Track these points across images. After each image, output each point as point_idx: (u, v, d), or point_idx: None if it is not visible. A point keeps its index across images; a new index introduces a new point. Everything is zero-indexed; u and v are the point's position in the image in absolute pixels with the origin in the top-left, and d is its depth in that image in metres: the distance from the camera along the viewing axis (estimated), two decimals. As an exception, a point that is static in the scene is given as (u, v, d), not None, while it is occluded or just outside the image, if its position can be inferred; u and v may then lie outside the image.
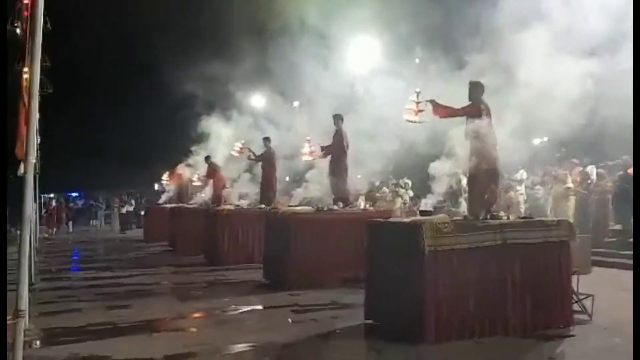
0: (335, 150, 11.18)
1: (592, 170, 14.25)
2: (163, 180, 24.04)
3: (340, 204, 10.83)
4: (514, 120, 6.88)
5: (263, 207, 13.23)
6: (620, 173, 13.18)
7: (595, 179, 14.01)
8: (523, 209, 14.10)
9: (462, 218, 7.03)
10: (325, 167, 11.46)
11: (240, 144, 15.34)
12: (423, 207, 7.32)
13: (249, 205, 14.26)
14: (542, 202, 15.20)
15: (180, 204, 18.76)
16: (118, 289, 10.29)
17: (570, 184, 14.05)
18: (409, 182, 18.11)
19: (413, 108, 7.79)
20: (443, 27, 11.63)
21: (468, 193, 7.58)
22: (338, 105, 12.05)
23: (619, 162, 13.55)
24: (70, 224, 30.14)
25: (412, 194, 17.83)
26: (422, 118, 7.73)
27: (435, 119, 7.39)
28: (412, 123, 7.96)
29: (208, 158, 17.05)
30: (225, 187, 16.02)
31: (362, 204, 13.74)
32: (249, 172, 15.44)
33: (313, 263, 9.81)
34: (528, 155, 9.83)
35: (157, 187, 32.72)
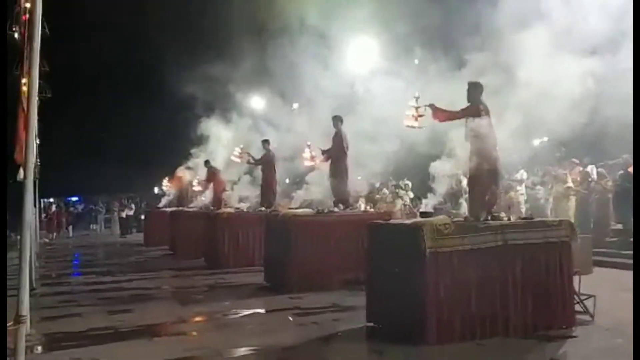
0: (335, 152, 11.16)
1: (592, 170, 14.22)
2: (163, 185, 24.01)
3: (341, 206, 10.81)
4: (515, 120, 6.88)
5: (263, 209, 13.24)
6: (621, 172, 13.14)
7: (596, 178, 13.99)
8: (524, 210, 14.06)
9: (462, 219, 7.02)
10: (326, 169, 11.44)
11: (240, 149, 15.33)
12: (423, 208, 7.31)
13: (249, 208, 14.26)
14: (542, 202, 15.16)
15: (181, 208, 18.75)
16: (119, 294, 10.30)
17: (571, 184, 14.03)
18: (409, 183, 18.07)
19: (413, 113, 7.78)
20: (443, 26, 11.61)
21: (468, 194, 7.55)
22: (338, 106, 12.03)
23: (620, 160, 13.51)
24: (70, 229, 30.04)
25: (412, 195, 17.79)
26: (422, 123, 7.71)
27: (436, 123, 7.39)
28: (412, 128, 7.95)
29: (207, 162, 17.04)
30: (225, 190, 16.02)
31: (362, 206, 13.71)
32: (249, 174, 15.45)
33: (314, 265, 9.79)
34: (528, 156, 9.83)
35: (157, 190, 32.68)
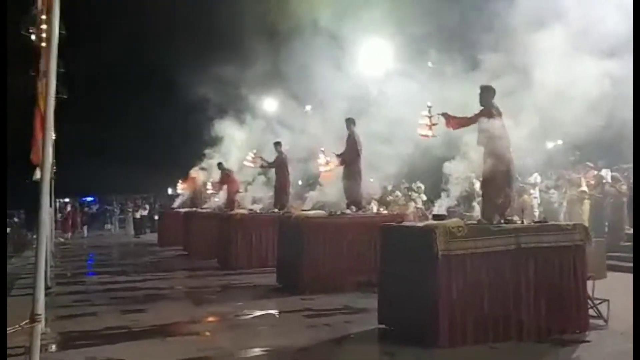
0: (349, 155, 11.15)
1: (606, 174, 14.10)
2: (178, 185, 24.15)
3: (353, 208, 10.80)
4: (530, 122, 6.83)
5: (276, 211, 13.28)
6: (636, 176, 13.02)
7: (610, 182, 13.87)
8: (537, 213, 13.99)
9: (475, 222, 6.99)
10: (339, 171, 11.43)
11: (253, 154, 15.36)
12: (436, 210, 7.29)
13: (262, 210, 14.30)
14: (556, 206, 15.07)
15: (194, 209, 18.86)
16: (133, 293, 10.37)
17: (585, 188, 13.92)
18: (422, 185, 18.03)
19: (426, 123, 7.77)
20: (458, 27, 11.53)
21: (482, 197, 7.53)
22: (351, 108, 11.99)
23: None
24: (85, 229, 30.26)
25: (424, 198, 17.75)
26: (436, 132, 7.70)
27: (450, 130, 7.38)
28: (426, 137, 7.95)
29: (220, 164, 17.13)
30: (239, 191, 16.09)
31: (374, 208, 13.68)
32: (264, 175, 15.46)
33: (326, 267, 9.82)
34: (542, 159, 9.74)
35: (171, 191, 32.88)
